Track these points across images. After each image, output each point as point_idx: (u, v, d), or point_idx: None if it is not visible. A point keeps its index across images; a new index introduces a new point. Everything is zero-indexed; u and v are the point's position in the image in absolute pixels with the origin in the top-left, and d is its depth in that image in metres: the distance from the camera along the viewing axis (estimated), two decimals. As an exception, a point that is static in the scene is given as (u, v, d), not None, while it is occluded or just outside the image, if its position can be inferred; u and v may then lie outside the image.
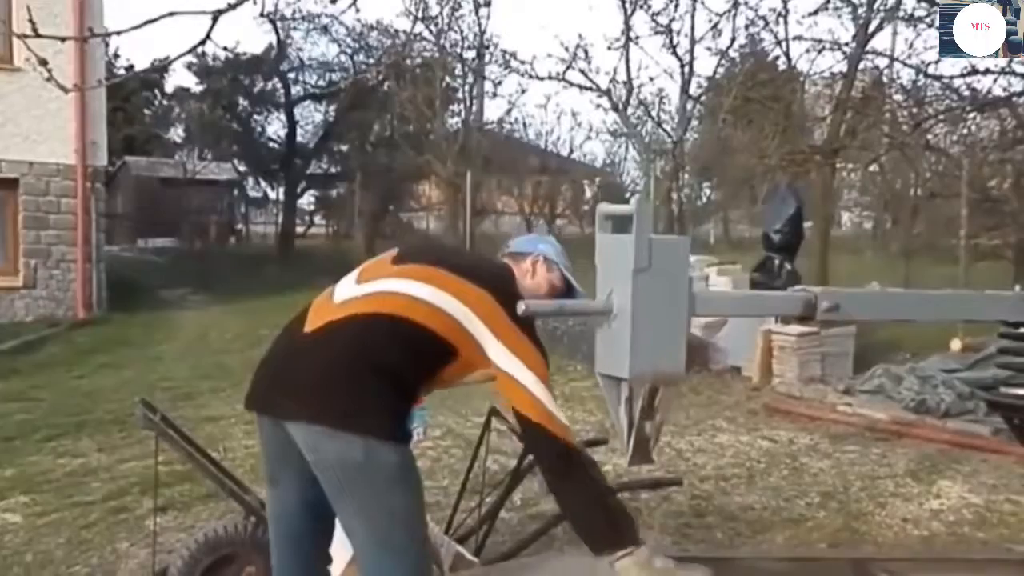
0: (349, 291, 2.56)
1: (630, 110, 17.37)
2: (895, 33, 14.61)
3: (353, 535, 2.47)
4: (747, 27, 16.10)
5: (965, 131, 14.64)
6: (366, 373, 2.40)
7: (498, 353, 2.43)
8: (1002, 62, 10.33)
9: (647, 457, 2.29)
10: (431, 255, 2.64)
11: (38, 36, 2.70)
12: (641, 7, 16.01)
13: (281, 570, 2.65)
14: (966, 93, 12.21)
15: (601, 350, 2.21)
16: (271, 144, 29.92)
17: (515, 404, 2.42)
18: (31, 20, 2.77)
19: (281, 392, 2.48)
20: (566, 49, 16.64)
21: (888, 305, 2.80)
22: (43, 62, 2.77)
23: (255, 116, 29.88)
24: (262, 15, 22.72)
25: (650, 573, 2.31)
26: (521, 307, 2.16)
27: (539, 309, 2.30)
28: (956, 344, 8.90)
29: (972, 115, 13.41)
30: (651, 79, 23.36)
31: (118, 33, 3.02)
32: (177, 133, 33.96)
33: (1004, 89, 11.97)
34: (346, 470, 2.37)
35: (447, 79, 20.84)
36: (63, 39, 3.00)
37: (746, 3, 15.31)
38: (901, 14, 12.86)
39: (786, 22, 14.52)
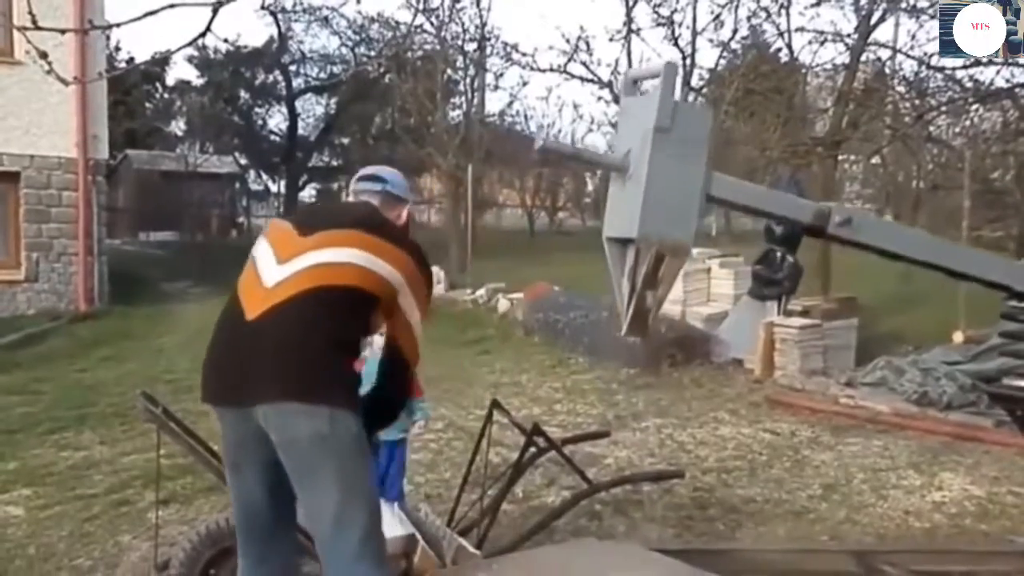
0: (278, 272, 2.64)
1: (632, 102, 17.29)
2: (897, 24, 14.53)
3: (319, 513, 2.51)
4: (749, 18, 16.04)
5: (967, 123, 14.60)
6: (323, 346, 2.51)
7: (407, 303, 2.66)
8: (1005, 53, 10.28)
9: (643, 329, 2.24)
10: (331, 219, 2.79)
11: (38, 28, 2.69)
12: (643, -2, 15.96)
13: (246, 555, 2.70)
14: (968, 85, 12.18)
15: (611, 213, 2.16)
16: (272, 137, 29.94)
17: (403, 345, 2.70)
18: (31, 13, 2.75)
19: (243, 379, 2.53)
20: (567, 41, 16.61)
21: (899, 237, 2.75)
22: (43, 55, 2.76)
23: (256, 109, 29.90)
24: (263, 8, 22.71)
25: None
26: (539, 142, 2.16)
27: (557, 148, 2.25)
28: (958, 336, 8.89)
29: (975, 107, 13.37)
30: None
31: (118, 25, 3.02)
32: (178, 126, 33.99)
33: (1007, 80, 11.97)
34: (314, 443, 2.44)
35: (448, 71, 20.78)
36: (63, 31, 2.99)
37: (748, -6, 15.27)
38: (903, 5, 12.81)
39: (788, 13, 14.47)
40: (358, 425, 2.51)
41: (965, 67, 11.79)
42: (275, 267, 2.66)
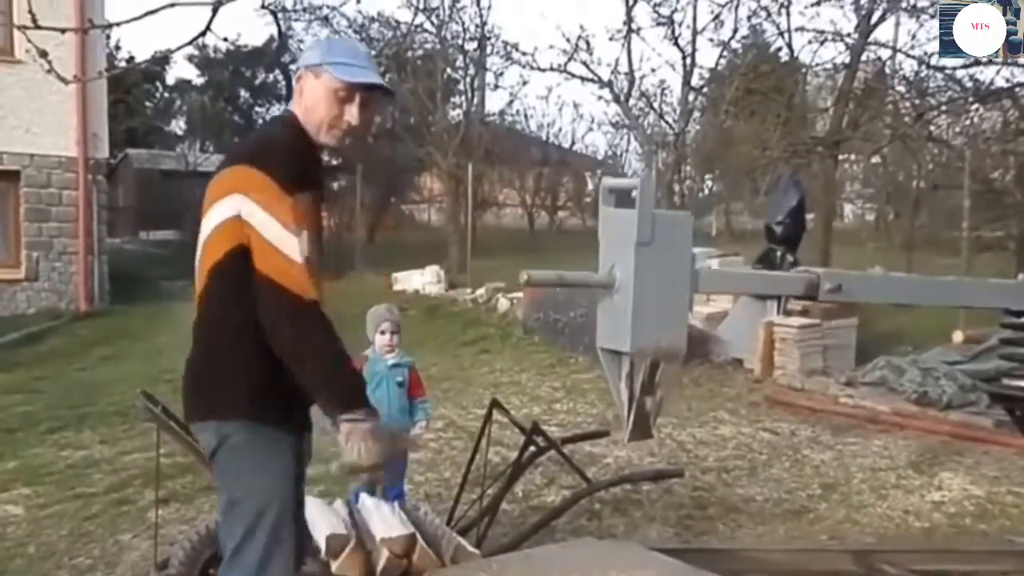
0: (198, 251, 2.39)
1: (632, 102, 17.32)
2: (898, 24, 14.55)
3: (224, 533, 2.40)
4: (749, 18, 16.06)
5: (968, 122, 14.61)
6: (216, 349, 2.34)
7: (257, 219, 2.20)
8: (1005, 53, 10.29)
9: (647, 432, 2.28)
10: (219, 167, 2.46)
11: (38, 28, 2.70)
12: (643, -2, 15.96)
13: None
14: (969, 84, 12.20)
15: (603, 324, 2.19)
16: (272, 136, 29.88)
17: (272, 275, 2.18)
18: (31, 12, 2.76)
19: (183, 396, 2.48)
20: (568, 40, 16.60)
21: (891, 288, 2.80)
22: (43, 54, 2.77)
23: (256, 108, 29.91)
24: (263, 7, 22.64)
25: (370, 443, 2.23)
26: (523, 276, 2.16)
27: (539, 279, 2.28)
28: (958, 336, 8.88)
29: (975, 106, 13.38)
30: (653, 70, 23.51)
31: (118, 24, 3.03)
32: (178, 125, 34.03)
33: (1007, 80, 11.96)
34: (214, 462, 2.36)
35: (448, 71, 20.79)
36: (63, 30, 3.00)
37: (748, -6, 15.28)
38: (904, 5, 12.83)
39: (788, 13, 14.50)
40: (250, 431, 2.30)
41: (965, 67, 11.81)
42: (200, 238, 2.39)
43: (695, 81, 16.85)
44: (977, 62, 11.32)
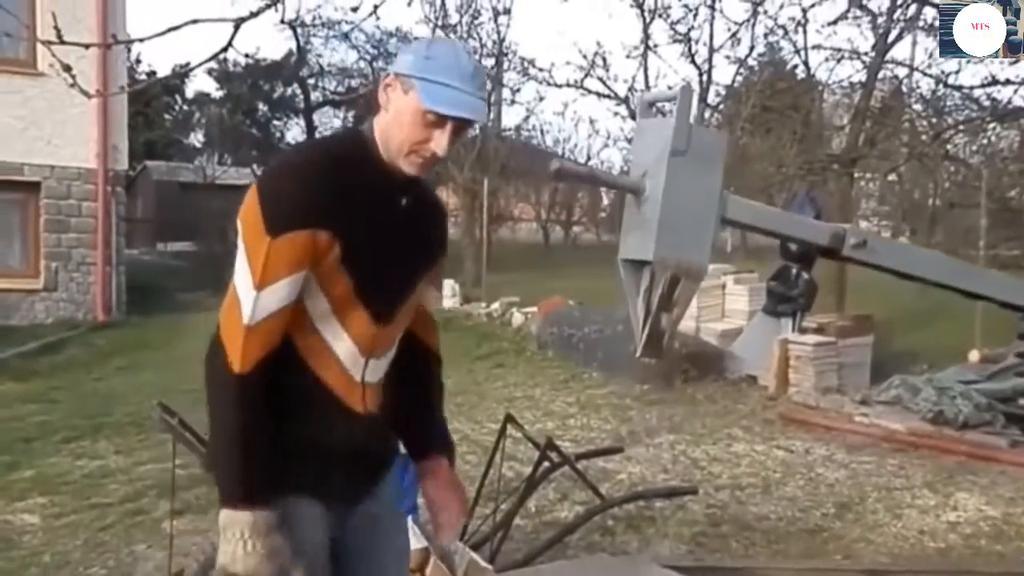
0: None
1: (648, 118, 17.33)
2: (915, 43, 14.63)
3: None
4: (766, 36, 16.06)
5: (985, 141, 14.56)
6: None
7: (237, 254, 1.90)
8: (1023, 71, 10.30)
9: (658, 351, 2.25)
10: None
11: (63, 43, 2.74)
12: (660, 16, 16.01)
13: None
14: (986, 103, 12.15)
15: (626, 234, 2.16)
16: (290, 150, 30.07)
17: (222, 328, 1.91)
18: (56, 27, 2.80)
19: None
20: (584, 57, 16.65)
21: (914, 259, 2.77)
22: (67, 68, 2.81)
23: (274, 121, 30.08)
24: (282, 22, 22.82)
25: (249, 545, 1.81)
26: (555, 165, 2.06)
27: (572, 170, 2.25)
28: (974, 355, 8.83)
29: (992, 125, 13.34)
30: (669, 87, 23.34)
31: (141, 40, 3.07)
32: (197, 138, 34.26)
33: (1025, 99, 11.91)
34: None
35: (465, 86, 20.87)
36: (87, 46, 3.04)
37: (765, 12, 15.28)
38: (921, 24, 12.80)
39: (805, 31, 14.45)
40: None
41: (983, 85, 11.79)
42: None
43: (711, 98, 16.88)
44: (995, 80, 11.30)
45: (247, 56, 26.04)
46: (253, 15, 2.82)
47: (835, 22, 13.49)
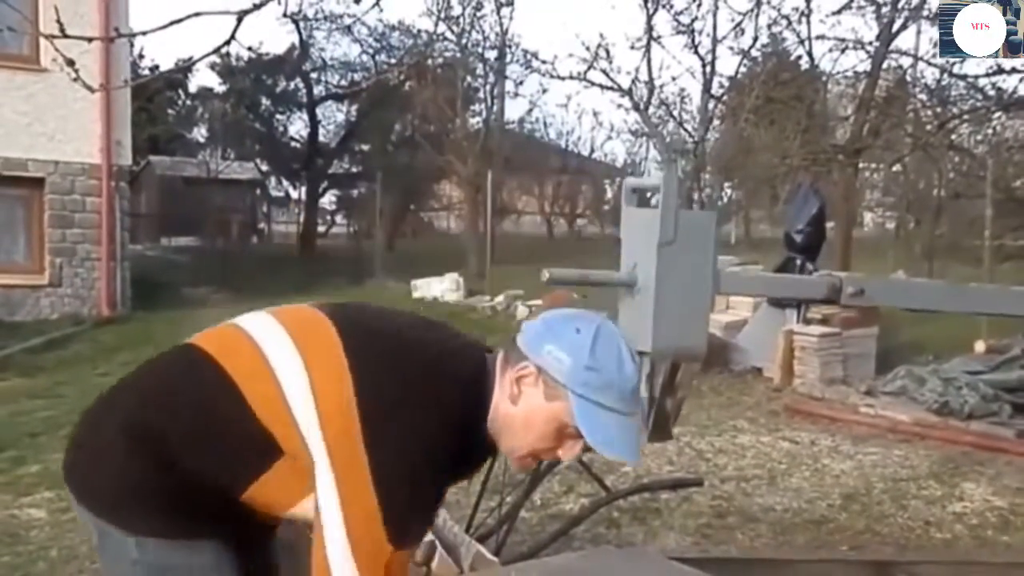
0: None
1: (651, 110, 17.32)
2: (919, 32, 14.50)
3: None
4: (770, 26, 16.01)
5: (990, 131, 14.53)
6: (130, 427, 1.77)
7: (325, 481, 1.58)
8: (1029, 61, 10.26)
9: (666, 434, 2.27)
10: (364, 313, 1.86)
11: (66, 37, 2.74)
12: (663, 6, 15.94)
13: None
14: (991, 93, 12.11)
15: (623, 324, 2.18)
16: (293, 144, 30.09)
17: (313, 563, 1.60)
18: (59, 21, 2.80)
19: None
20: (587, 49, 16.59)
21: (913, 294, 2.79)
22: (70, 63, 2.81)
23: (277, 116, 30.05)
24: (285, 15, 22.82)
25: None
26: (545, 274, 1.96)
27: (562, 276, 2.25)
28: (980, 346, 8.83)
29: (997, 115, 13.30)
30: (673, 79, 23.43)
31: (144, 33, 3.05)
32: (200, 133, 34.26)
33: (1030, 88, 11.86)
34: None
35: (468, 79, 20.88)
36: (90, 40, 3.04)
37: (769, 2, 15.21)
38: (925, 13, 12.77)
39: (809, 21, 14.43)
40: (138, 553, 1.68)
41: (988, 75, 11.76)
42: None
43: (715, 89, 16.84)
44: (1000, 70, 11.26)
45: (250, 50, 26.05)
46: (256, 7, 2.81)
47: (839, 12, 13.49)
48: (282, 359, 1.66)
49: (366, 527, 1.55)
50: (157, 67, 28.91)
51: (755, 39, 16.24)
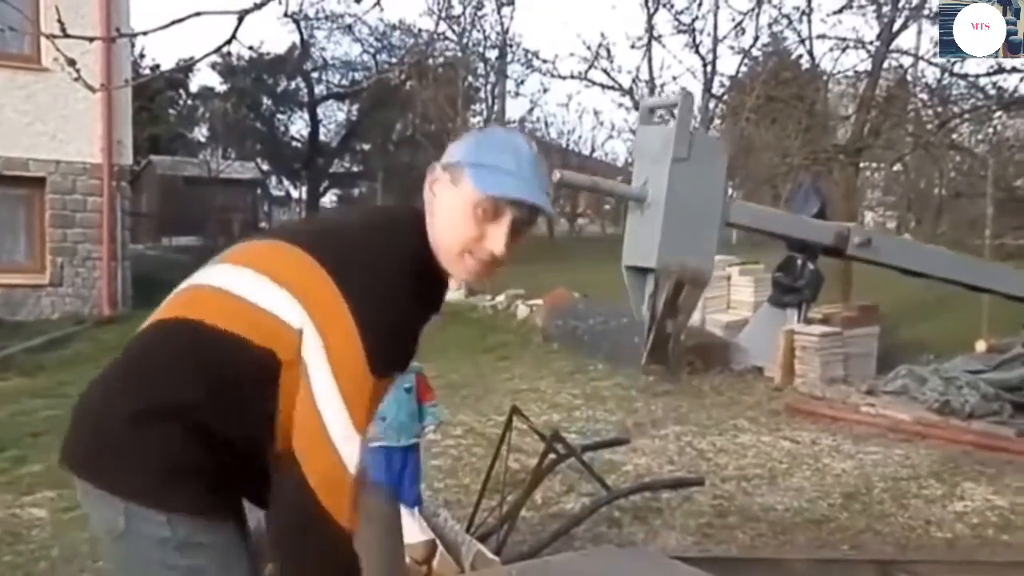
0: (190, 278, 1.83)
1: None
2: (920, 31, 14.52)
3: None
4: (770, 26, 16.06)
5: (991, 130, 14.52)
6: (133, 409, 1.69)
7: (318, 369, 1.63)
8: (1029, 60, 10.26)
9: (664, 357, 2.26)
10: (300, 225, 1.94)
11: (67, 37, 2.74)
12: (664, 6, 16.01)
13: None
14: (992, 92, 12.12)
15: (630, 242, 2.16)
16: (294, 143, 30.14)
17: (306, 470, 1.63)
18: (60, 21, 2.80)
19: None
20: (588, 48, 16.67)
21: (920, 256, 2.79)
22: (72, 62, 2.81)
23: (278, 115, 30.12)
24: (286, 15, 22.87)
25: None
26: (556, 175, 1.96)
27: (574, 180, 2.22)
28: (981, 345, 8.83)
29: (998, 114, 13.30)
30: (674, 78, 23.29)
31: (145, 33, 3.06)
32: (201, 132, 34.31)
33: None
34: (108, 541, 1.78)
35: (469, 78, 20.90)
36: (91, 39, 3.04)
37: (769, 2, 15.25)
38: (926, 12, 12.77)
39: (810, 20, 14.48)
40: (170, 531, 1.67)
41: (988, 74, 11.76)
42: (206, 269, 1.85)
43: (716, 89, 16.88)
44: (1001, 69, 11.27)
45: (251, 50, 26.10)
46: (257, 7, 2.82)
47: (840, 11, 13.50)
48: (238, 278, 1.71)
49: (348, 352, 1.61)
50: (158, 67, 28.96)
51: (756, 38, 16.32)
